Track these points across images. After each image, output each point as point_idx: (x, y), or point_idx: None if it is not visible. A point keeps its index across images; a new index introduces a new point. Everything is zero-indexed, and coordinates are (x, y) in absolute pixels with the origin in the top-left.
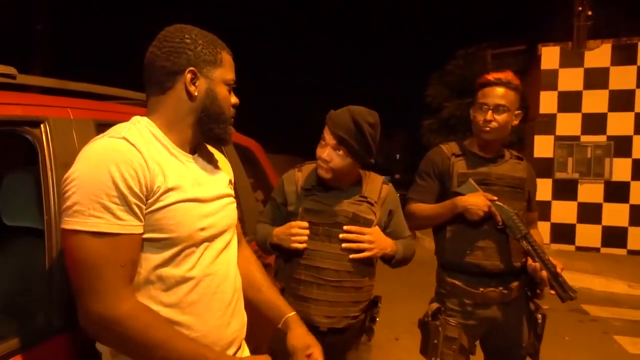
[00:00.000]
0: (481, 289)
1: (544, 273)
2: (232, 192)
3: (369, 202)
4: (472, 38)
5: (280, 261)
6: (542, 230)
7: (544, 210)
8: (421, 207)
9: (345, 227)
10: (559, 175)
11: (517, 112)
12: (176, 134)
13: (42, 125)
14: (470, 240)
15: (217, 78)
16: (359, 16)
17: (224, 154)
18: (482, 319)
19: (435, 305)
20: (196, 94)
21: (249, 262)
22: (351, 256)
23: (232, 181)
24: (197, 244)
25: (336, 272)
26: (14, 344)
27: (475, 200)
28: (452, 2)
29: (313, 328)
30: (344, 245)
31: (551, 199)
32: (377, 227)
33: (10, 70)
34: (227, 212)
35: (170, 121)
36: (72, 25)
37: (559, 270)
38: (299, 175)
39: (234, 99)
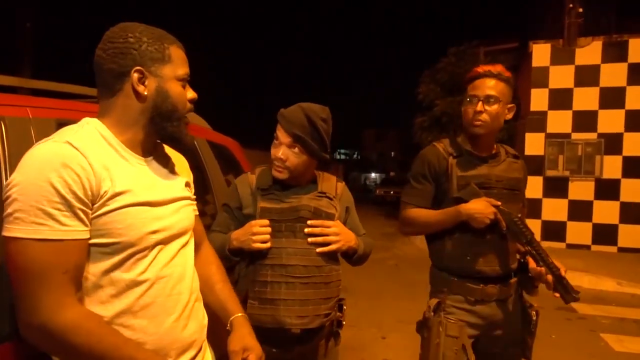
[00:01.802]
0: (481, 285)
1: (549, 277)
2: (189, 194)
3: (328, 197)
4: (464, 35)
5: (241, 267)
6: (533, 228)
7: (535, 208)
8: (421, 214)
9: (309, 222)
10: (549, 172)
11: (509, 105)
12: (128, 136)
13: None
14: (471, 248)
15: (167, 75)
16: (352, 17)
17: (198, 154)
18: (480, 316)
19: (435, 300)
20: (146, 93)
21: (209, 262)
22: (318, 250)
23: (190, 183)
24: (149, 247)
25: (305, 268)
26: None
27: (480, 207)
28: (444, 1)
29: (284, 333)
30: (310, 239)
31: (542, 196)
32: (339, 221)
33: None
34: (183, 214)
35: (121, 123)
36: (65, 23)
37: (562, 273)
38: (252, 177)
39: (190, 94)
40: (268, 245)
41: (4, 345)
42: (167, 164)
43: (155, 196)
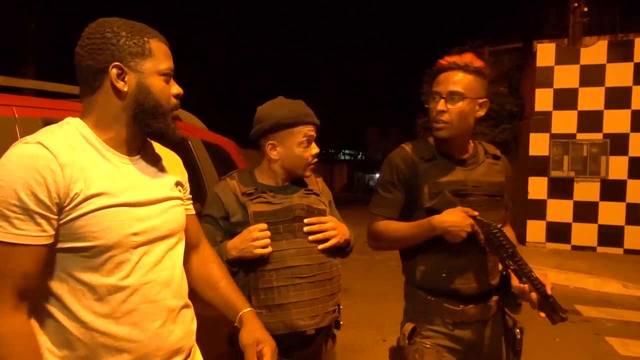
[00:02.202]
0: (461, 306)
1: (534, 295)
2: (179, 194)
3: (315, 194)
4: (467, 35)
5: (239, 277)
6: (538, 229)
7: (540, 209)
8: (390, 227)
9: (306, 220)
10: (554, 173)
11: (481, 100)
12: (111, 135)
13: None
14: (445, 264)
15: (149, 70)
16: (354, 16)
17: (192, 153)
18: (460, 340)
19: (410, 326)
20: (126, 89)
21: (208, 260)
22: (320, 247)
23: (182, 182)
24: (130, 250)
25: (309, 267)
26: None
27: (456, 219)
28: (446, 0)
29: (296, 336)
30: (310, 237)
31: (546, 197)
32: (331, 215)
33: None
34: (170, 215)
35: (103, 121)
36: (69, 23)
37: (548, 289)
38: (233, 183)
39: (175, 89)
40: (269, 249)
41: None
42: (156, 162)
43: (138, 197)
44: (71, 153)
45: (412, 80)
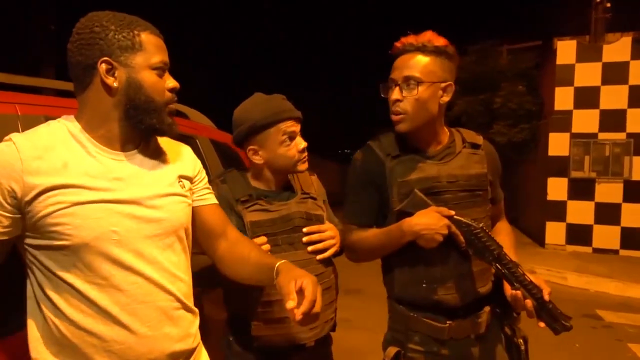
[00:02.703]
0: (448, 322)
1: (529, 302)
2: (180, 190)
3: (312, 198)
4: (485, 33)
5: (237, 290)
6: (557, 231)
7: (560, 210)
8: (362, 236)
9: (305, 230)
10: (574, 174)
11: (444, 84)
12: (102, 132)
13: None
14: (424, 273)
15: (140, 64)
16: (365, 13)
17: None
18: (452, 359)
19: (393, 350)
20: (116, 85)
21: (237, 241)
22: (319, 257)
23: (188, 176)
24: (112, 249)
25: None
26: None
27: (429, 221)
28: None
29: (296, 349)
30: (310, 248)
31: (567, 198)
32: (328, 222)
33: None
34: (166, 213)
35: (95, 119)
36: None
37: (545, 294)
38: (224, 188)
39: (170, 83)
40: None
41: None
42: (157, 156)
43: (125, 194)
44: (45, 149)
45: None
